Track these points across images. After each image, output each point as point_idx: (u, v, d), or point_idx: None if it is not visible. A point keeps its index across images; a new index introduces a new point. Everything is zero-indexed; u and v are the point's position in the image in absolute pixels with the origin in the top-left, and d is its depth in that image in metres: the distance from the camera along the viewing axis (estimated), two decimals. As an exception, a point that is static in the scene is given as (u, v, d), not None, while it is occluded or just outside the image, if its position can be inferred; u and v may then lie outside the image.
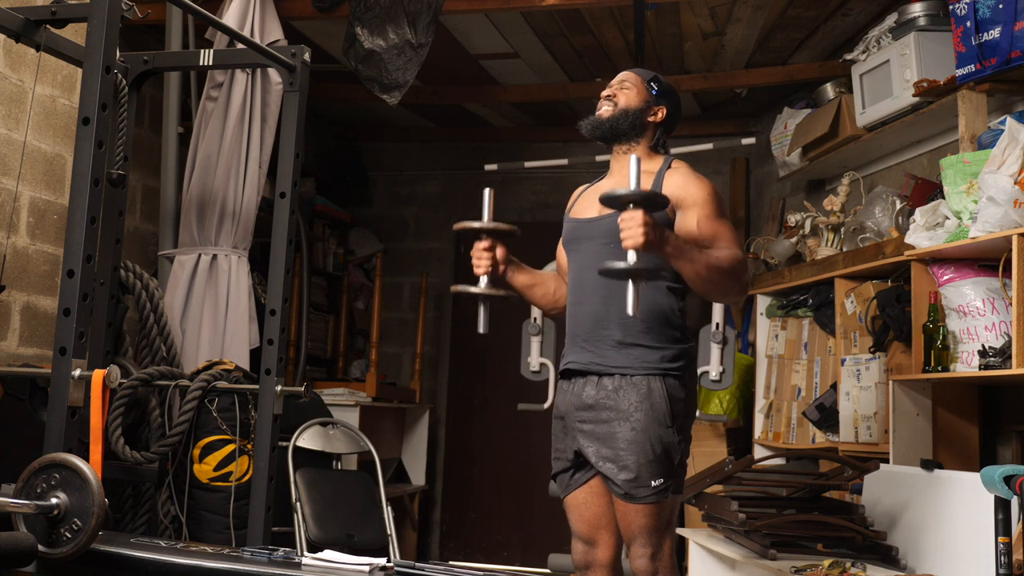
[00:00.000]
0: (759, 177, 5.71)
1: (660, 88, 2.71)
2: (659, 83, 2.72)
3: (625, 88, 2.70)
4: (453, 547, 6.11)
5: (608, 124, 2.66)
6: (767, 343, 4.74)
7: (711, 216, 2.51)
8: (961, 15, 3.17)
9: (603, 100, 2.71)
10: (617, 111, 2.67)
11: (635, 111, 2.66)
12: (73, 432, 2.42)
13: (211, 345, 3.87)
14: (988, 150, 2.95)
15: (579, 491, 2.63)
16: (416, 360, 5.78)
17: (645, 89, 2.70)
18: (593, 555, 2.64)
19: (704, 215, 2.51)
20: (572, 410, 2.60)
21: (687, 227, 2.51)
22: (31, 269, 3.78)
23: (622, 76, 2.74)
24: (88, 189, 2.47)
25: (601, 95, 2.72)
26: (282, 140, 3.36)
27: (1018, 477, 2.15)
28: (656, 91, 2.70)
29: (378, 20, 3.91)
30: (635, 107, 2.66)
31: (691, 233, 2.49)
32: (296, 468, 3.91)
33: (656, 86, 2.71)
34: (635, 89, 2.69)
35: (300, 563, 2.25)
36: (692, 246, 2.39)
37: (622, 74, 2.74)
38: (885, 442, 3.42)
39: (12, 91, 3.65)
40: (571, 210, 2.77)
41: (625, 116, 2.66)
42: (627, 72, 2.75)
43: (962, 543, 2.88)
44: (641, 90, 2.69)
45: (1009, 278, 2.82)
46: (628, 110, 2.66)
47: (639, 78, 2.72)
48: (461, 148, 6.33)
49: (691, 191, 2.53)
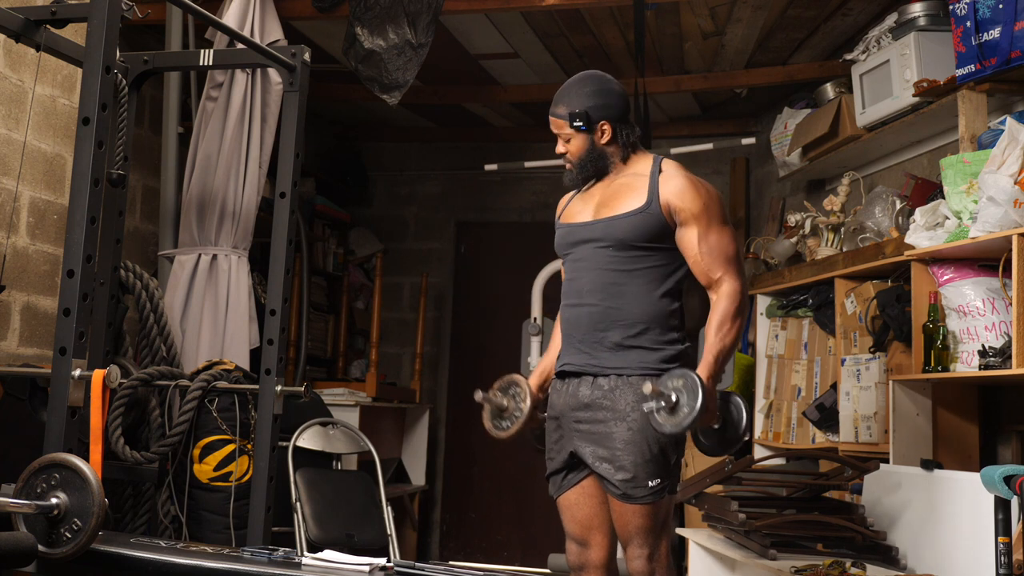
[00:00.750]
0: (759, 177, 5.71)
1: (584, 115, 2.61)
2: (581, 111, 2.61)
3: (564, 140, 2.67)
4: (453, 547, 6.11)
5: (582, 177, 2.68)
6: (767, 343, 4.74)
7: (707, 230, 2.53)
8: (961, 15, 3.17)
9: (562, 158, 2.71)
10: (576, 164, 2.67)
11: (586, 154, 2.64)
12: (73, 432, 2.42)
13: (211, 345, 3.87)
14: (988, 150, 2.95)
15: (571, 492, 2.63)
16: (416, 360, 5.78)
17: (573, 129, 2.63)
18: (587, 556, 2.64)
19: (702, 232, 2.53)
20: (568, 410, 2.59)
21: (687, 245, 2.54)
22: (31, 269, 3.78)
23: (552, 125, 2.68)
24: (88, 189, 2.47)
25: (556, 151, 2.71)
26: (282, 140, 3.36)
27: (1018, 477, 2.15)
28: (581, 124, 2.61)
29: (378, 20, 3.91)
30: (584, 151, 2.64)
31: (691, 256, 2.54)
32: (296, 468, 3.91)
33: (578, 119, 2.61)
34: (570, 135, 2.64)
35: (300, 563, 2.25)
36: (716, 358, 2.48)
37: (551, 120, 2.68)
38: (885, 442, 3.42)
39: (12, 91, 3.65)
40: (562, 216, 2.77)
41: (584, 164, 2.66)
42: (552, 118, 2.68)
43: (962, 543, 2.88)
44: (572, 133, 2.64)
45: (1009, 278, 2.81)
46: (582, 157, 2.65)
47: (562, 121, 2.65)
48: (461, 148, 6.33)
49: (687, 202, 2.53)
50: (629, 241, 2.55)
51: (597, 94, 2.63)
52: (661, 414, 2.40)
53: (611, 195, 2.63)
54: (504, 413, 2.75)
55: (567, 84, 2.69)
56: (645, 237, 2.54)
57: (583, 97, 2.62)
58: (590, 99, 2.62)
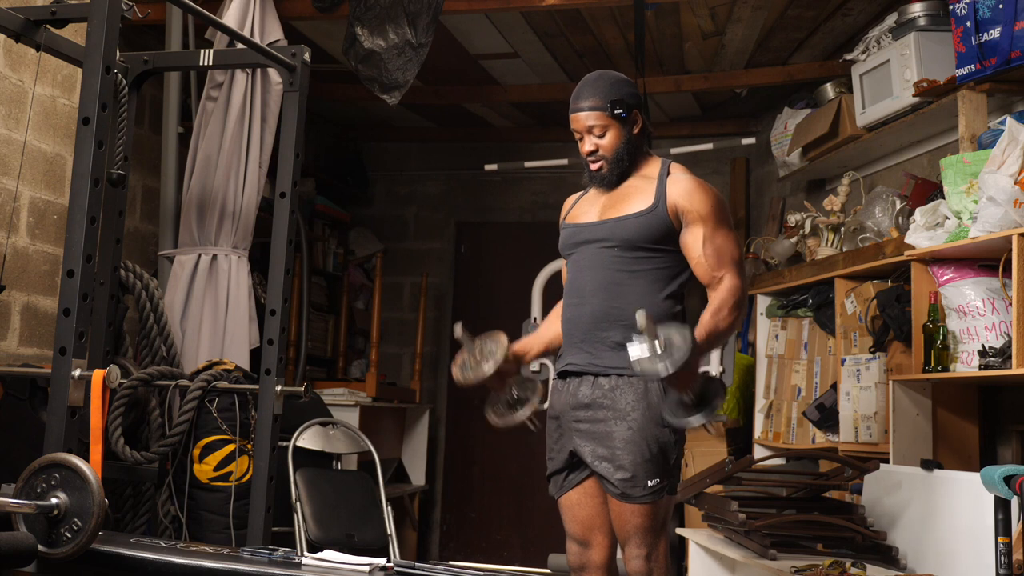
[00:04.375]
0: (759, 177, 5.71)
1: (623, 102, 2.55)
2: (619, 98, 2.55)
3: (596, 134, 2.58)
4: (453, 547, 6.11)
5: (618, 172, 2.60)
6: (767, 343, 4.74)
7: (714, 232, 2.52)
8: (961, 15, 3.17)
9: (586, 156, 2.60)
10: (611, 161, 2.59)
11: (624, 145, 2.58)
12: (73, 432, 2.42)
13: (211, 345, 3.87)
14: (988, 150, 2.95)
15: (573, 492, 2.63)
16: (416, 360, 5.78)
17: (612, 118, 2.56)
18: (587, 556, 2.64)
19: (708, 233, 2.52)
20: (568, 410, 2.59)
21: (691, 245, 2.53)
22: (31, 269, 3.78)
23: (585, 120, 2.57)
24: (88, 189, 2.47)
25: (582, 151, 2.61)
26: (282, 140, 3.36)
27: (1018, 477, 2.15)
28: (622, 111, 2.55)
29: (378, 20, 3.91)
30: (621, 142, 2.57)
31: (694, 256, 2.53)
32: (296, 468, 3.91)
33: (618, 106, 2.54)
34: (606, 126, 2.56)
35: (300, 563, 2.25)
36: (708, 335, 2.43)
37: (582, 116, 2.57)
38: (885, 442, 3.42)
39: (12, 91, 3.65)
40: (567, 217, 2.75)
41: (620, 158, 2.59)
42: (585, 111, 2.57)
43: (962, 543, 2.88)
44: (611, 124, 2.56)
45: (1009, 278, 2.82)
46: (619, 150, 2.58)
47: (601, 113, 2.55)
48: (461, 148, 6.33)
49: (695, 203, 2.52)
50: (635, 242, 2.54)
51: (622, 83, 2.59)
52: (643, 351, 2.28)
53: (619, 197, 2.62)
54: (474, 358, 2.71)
55: (588, 82, 2.61)
56: (651, 238, 2.54)
57: (613, 87, 2.56)
58: (621, 88, 2.57)
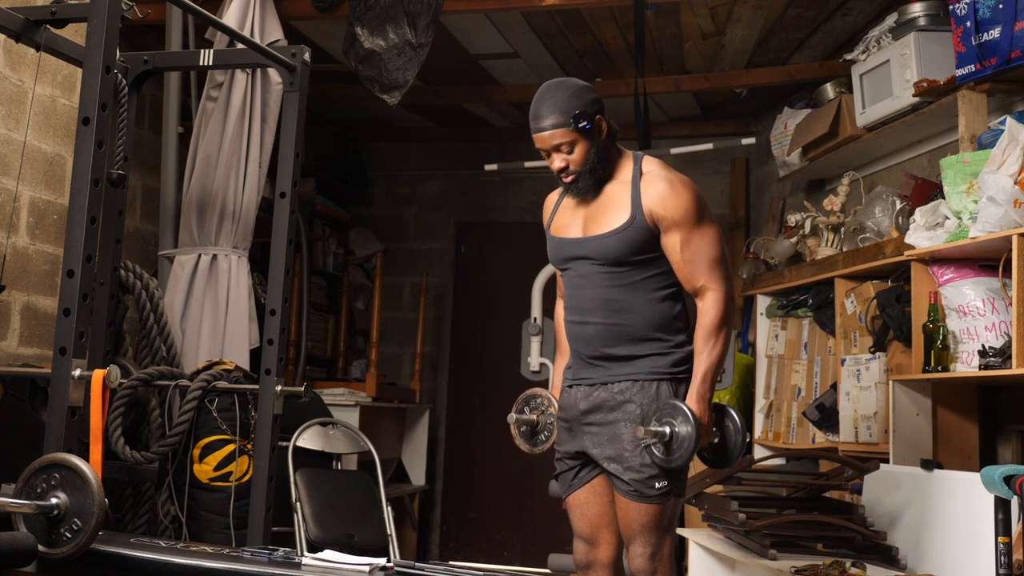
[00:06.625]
0: (759, 177, 5.71)
1: (585, 113, 2.47)
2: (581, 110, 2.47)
3: (565, 151, 2.50)
4: (453, 547, 6.11)
5: (595, 181, 2.55)
6: (767, 343, 4.74)
7: (690, 234, 2.49)
8: (961, 15, 3.17)
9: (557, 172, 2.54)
10: (585, 171, 2.52)
11: (595, 156, 2.52)
12: (73, 432, 2.42)
13: (211, 345, 3.87)
14: (988, 150, 2.95)
15: (581, 491, 2.64)
16: (416, 360, 5.78)
17: (577, 132, 2.48)
18: (594, 555, 2.65)
19: (684, 238, 2.49)
20: (578, 412, 2.61)
21: (671, 251, 2.52)
22: (31, 269, 3.78)
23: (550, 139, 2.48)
24: (88, 189, 2.47)
25: (552, 167, 2.54)
26: (282, 140, 3.36)
27: (1018, 477, 2.15)
28: (586, 123, 2.47)
29: (378, 20, 3.90)
30: (591, 153, 2.51)
31: (675, 262, 2.51)
32: (296, 468, 3.91)
33: (582, 119, 2.47)
34: (573, 142, 2.49)
35: (300, 563, 2.25)
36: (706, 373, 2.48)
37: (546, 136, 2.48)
38: (885, 442, 3.42)
39: (12, 91, 3.65)
40: (551, 226, 2.71)
41: (594, 168, 2.53)
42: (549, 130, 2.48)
43: (962, 543, 2.88)
44: (578, 138, 2.48)
45: (1009, 278, 2.81)
46: (590, 161, 2.51)
47: (566, 130, 2.46)
48: (461, 148, 6.33)
49: (669, 209, 2.49)
50: (621, 258, 2.53)
51: (580, 92, 2.50)
52: (658, 449, 2.45)
53: (598, 208, 2.58)
54: (536, 428, 2.79)
55: (545, 96, 2.51)
56: (636, 251, 2.52)
57: (573, 99, 2.48)
58: (578, 98, 2.48)
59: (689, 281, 2.52)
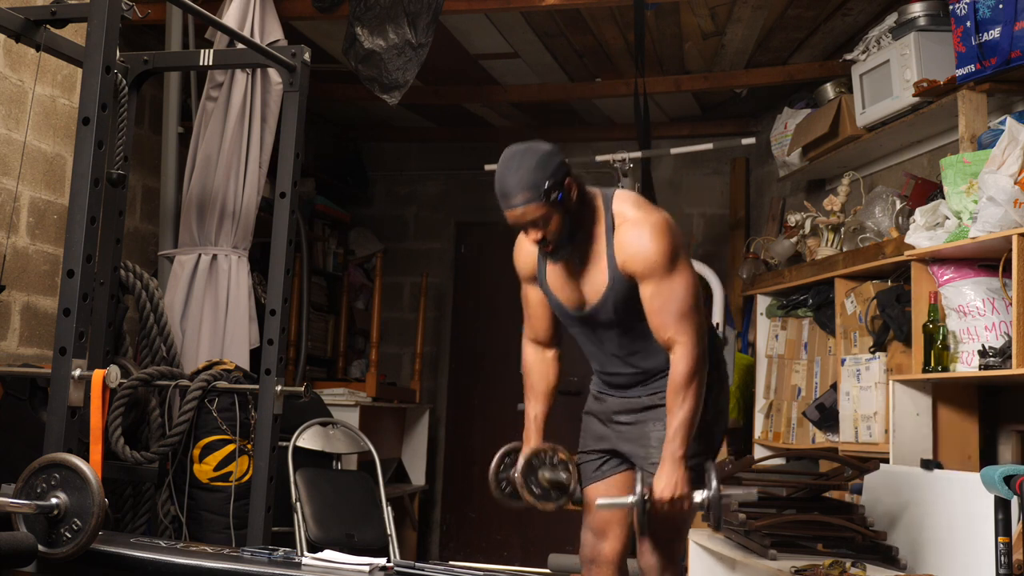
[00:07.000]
0: (759, 177, 5.71)
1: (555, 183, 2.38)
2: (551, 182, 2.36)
3: (538, 225, 2.41)
4: (453, 547, 6.10)
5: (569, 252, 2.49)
6: (767, 343, 4.74)
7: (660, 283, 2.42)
8: (961, 15, 3.17)
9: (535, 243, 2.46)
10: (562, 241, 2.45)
11: (570, 224, 2.44)
12: (73, 432, 2.42)
13: (211, 345, 3.87)
14: (988, 150, 2.95)
15: (600, 484, 2.69)
16: (416, 360, 5.78)
17: (549, 206, 2.38)
18: (600, 549, 2.67)
19: (655, 289, 2.43)
20: (609, 412, 2.67)
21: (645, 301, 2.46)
22: (31, 269, 3.78)
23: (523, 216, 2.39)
24: (88, 189, 2.47)
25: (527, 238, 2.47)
26: (282, 140, 3.36)
27: (1018, 477, 2.15)
28: (558, 194, 2.38)
29: (378, 20, 3.90)
30: (565, 223, 2.42)
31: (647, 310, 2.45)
32: (296, 468, 3.91)
33: (554, 191, 2.37)
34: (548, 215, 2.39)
35: (300, 563, 2.26)
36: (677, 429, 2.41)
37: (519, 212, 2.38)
38: (885, 442, 3.42)
39: (12, 91, 3.65)
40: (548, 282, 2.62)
41: (572, 235, 2.45)
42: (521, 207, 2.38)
43: (962, 543, 2.88)
44: (550, 211, 2.39)
45: (1009, 278, 2.81)
46: (565, 230, 2.43)
47: (538, 204, 2.36)
48: (461, 148, 6.32)
49: (639, 264, 2.43)
50: (619, 318, 2.52)
51: (545, 160, 2.39)
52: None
53: (583, 271, 2.53)
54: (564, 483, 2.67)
55: (510, 170, 2.39)
56: (628, 306, 2.49)
57: (538, 168, 2.37)
58: (543, 168, 2.37)
59: (658, 332, 2.46)
